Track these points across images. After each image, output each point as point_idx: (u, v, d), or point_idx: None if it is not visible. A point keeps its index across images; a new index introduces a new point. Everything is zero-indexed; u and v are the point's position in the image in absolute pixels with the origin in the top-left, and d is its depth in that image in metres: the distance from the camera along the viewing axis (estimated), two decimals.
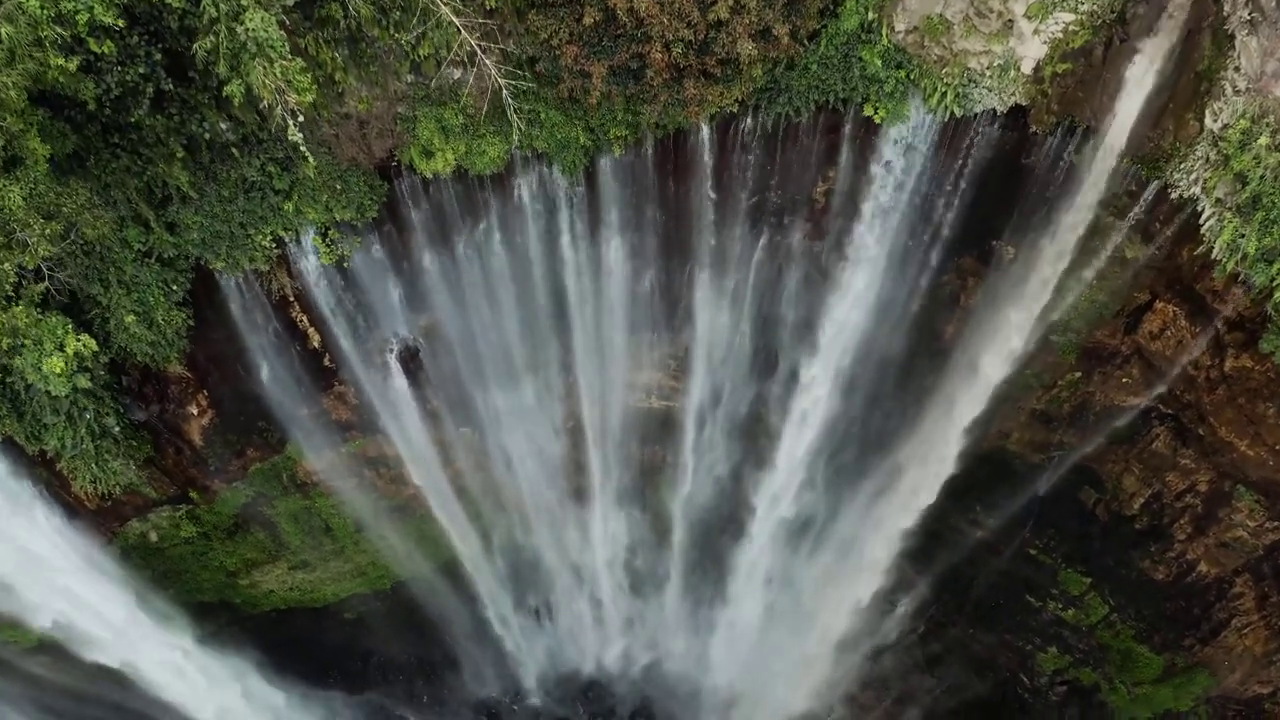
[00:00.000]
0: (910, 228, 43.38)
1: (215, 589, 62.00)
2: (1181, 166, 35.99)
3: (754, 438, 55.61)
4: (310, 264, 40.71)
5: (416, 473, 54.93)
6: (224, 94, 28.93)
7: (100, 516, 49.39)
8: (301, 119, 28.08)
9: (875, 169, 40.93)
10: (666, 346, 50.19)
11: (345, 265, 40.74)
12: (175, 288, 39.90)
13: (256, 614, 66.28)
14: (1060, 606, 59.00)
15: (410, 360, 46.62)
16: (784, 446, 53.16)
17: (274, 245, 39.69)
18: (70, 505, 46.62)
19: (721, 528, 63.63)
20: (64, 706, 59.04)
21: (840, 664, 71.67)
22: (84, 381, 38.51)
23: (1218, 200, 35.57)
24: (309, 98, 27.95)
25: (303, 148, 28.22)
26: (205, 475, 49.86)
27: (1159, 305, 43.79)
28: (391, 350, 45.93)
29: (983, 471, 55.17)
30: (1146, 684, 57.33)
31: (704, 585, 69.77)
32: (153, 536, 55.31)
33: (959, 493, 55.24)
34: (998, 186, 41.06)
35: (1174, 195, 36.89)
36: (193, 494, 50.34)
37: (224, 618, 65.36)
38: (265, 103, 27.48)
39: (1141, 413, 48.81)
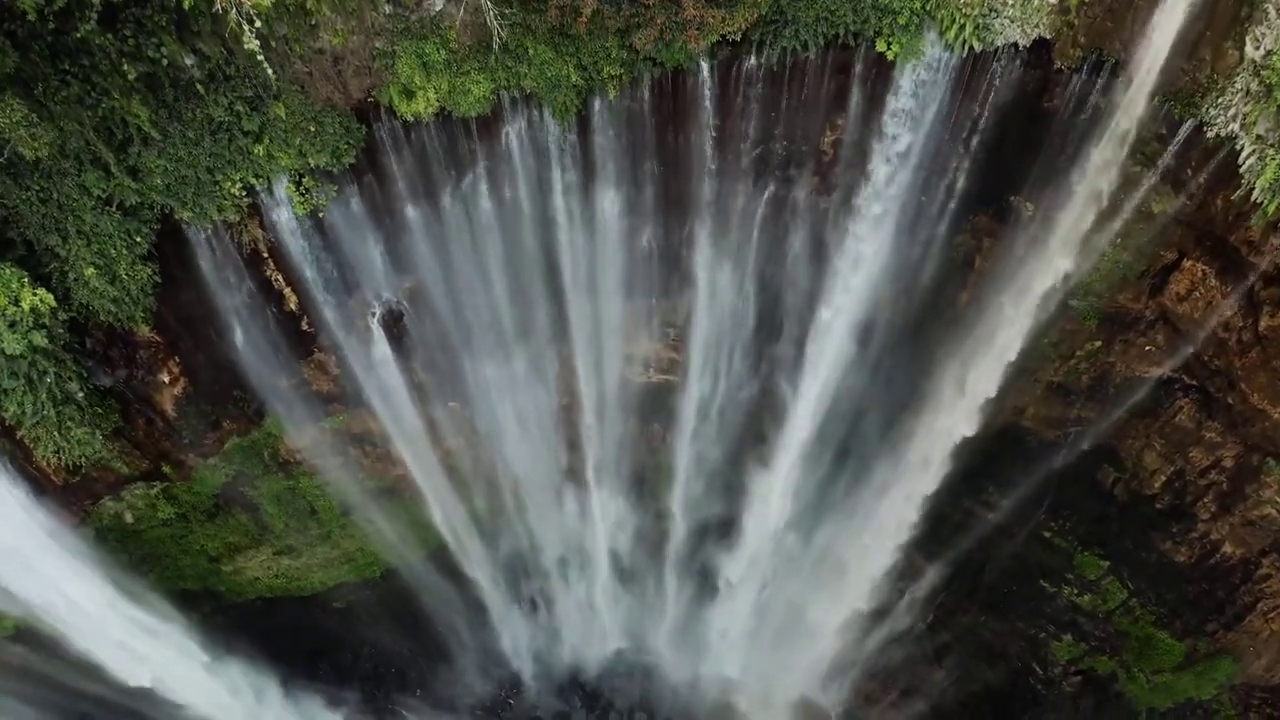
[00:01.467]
0: (923, 182, 40.19)
1: (198, 576, 58.53)
2: (1219, 101, 32.88)
3: (758, 415, 52.12)
4: (284, 215, 37.36)
5: (404, 451, 51.53)
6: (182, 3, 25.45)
7: (70, 494, 45.92)
8: (259, 25, 24.56)
9: (887, 115, 37.63)
10: (665, 314, 46.80)
11: (321, 216, 37.41)
12: (139, 240, 36.56)
13: (242, 602, 62.55)
14: (1076, 592, 55.50)
15: (394, 325, 43.23)
16: (789, 424, 49.56)
17: (244, 194, 36.40)
18: (36, 480, 43.00)
19: (723, 512, 59.96)
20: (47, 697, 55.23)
21: (845, 654, 67.95)
22: (40, 339, 35.34)
23: (1258, 137, 32.47)
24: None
25: (259, 56, 24.84)
26: (179, 449, 46.39)
27: (1187, 264, 40.62)
28: (374, 314, 42.52)
29: (996, 449, 51.81)
30: (1167, 672, 53.83)
31: (705, 573, 66.17)
32: (128, 517, 51.84)
33: (970, 472, 51.81)
34: (1018, 135, 37.90)
35: (1209, 134, 33.78)
36: (166, 469, 46.85)
37: (208, 606, 61.63)
38: (218, 5, 23.95)
39: (1164, 384, 45.71)
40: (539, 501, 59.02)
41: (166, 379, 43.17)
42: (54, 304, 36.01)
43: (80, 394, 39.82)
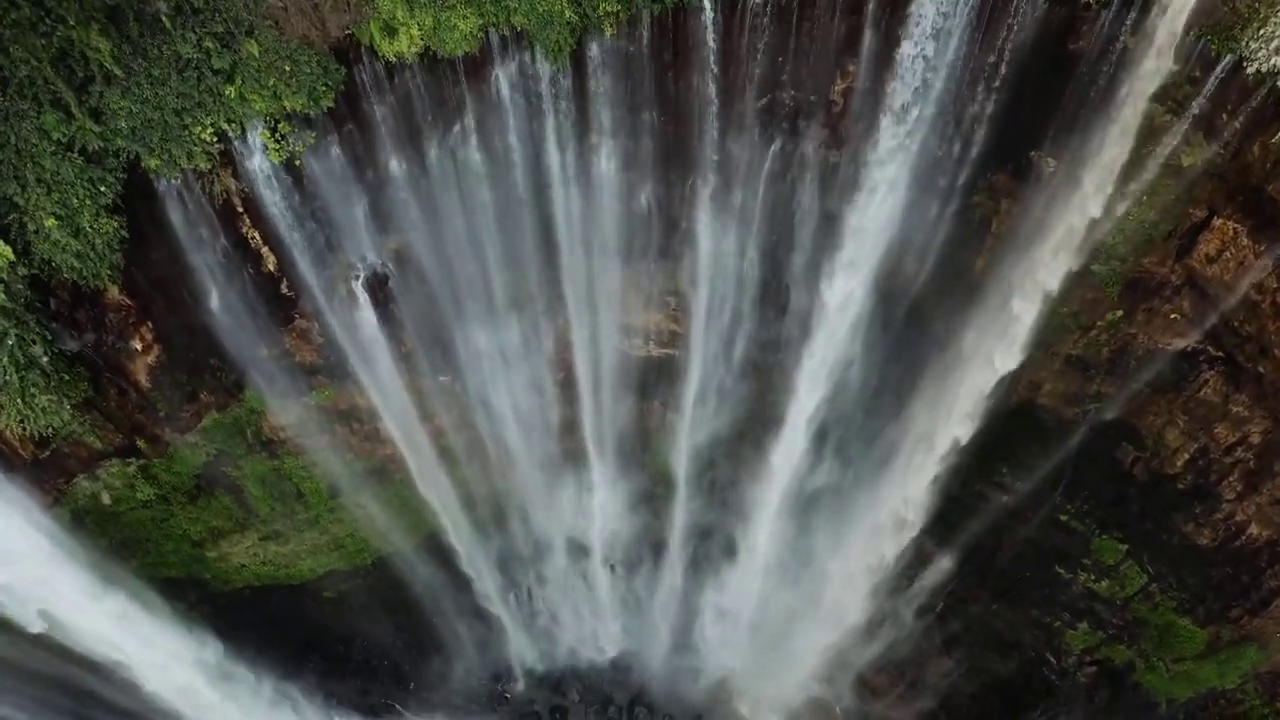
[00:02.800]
0: (939, 134, 37.32)
1: (182, 562, 55.42)
2: (1260, 33, 30.20)
3: (763, 390, 48.98)
4: (259, 164, 34.46)
5: (392, 428, 48.54)
6: None
7: (41, 471, 42.81)
8: None
9: (901, 59, 34.39)
10: (665, 280, 43.75)
11: (298, 165, 34.43)
12: (104, 189, 33.60)
13: (229, 591, 59.33)
14: (1093, 578, 52.35)
15: (379, 289, 40.21)
16: (796, 397, 46.39)
17: (215, 140, 33.56)
18: (4, 455, 39.90)
19: (725, 495, 56.79)
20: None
21: (851, 645, 64.68)
22: None
23: None
24: None
25: None
26: (154, 422, 43.36)
27: (1217, 222, 37.87)
28: (357, 277, 39.54)
29: (1011, 429, 48.99)
30: (1188, 660, 50.68)
31: (706, 560, 63.07)
32: (105, 498, 48.76)
33: (984, 454, 48.78)
34: (1039, 82, 35.17)
35: (1249, 71, 30.83)
36: (141, 444, 43.81)
37: (194, 595, 58.43)
38: None
39: (1188, 356, 42.87)
40: (535, 484, 55.93)
41: (139, 346, 40.13)
42: (13, 257, 33.32)
43: (45, 358, 36.84)
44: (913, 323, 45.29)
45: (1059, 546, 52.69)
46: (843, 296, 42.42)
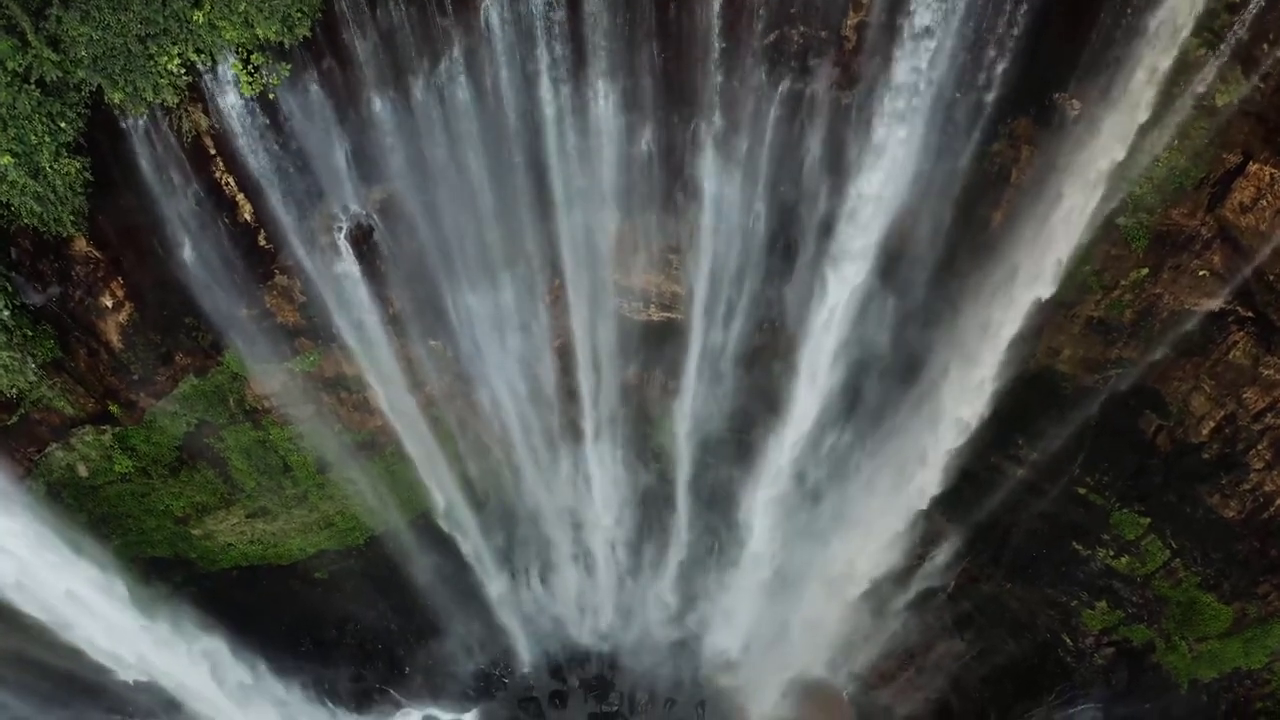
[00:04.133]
0: (957, 76, 34.46)
1: (166, 540, 52.64)
2: None
3: (769, 356, 46.09)
4: (231, 101, 31.72)
5: (381, 398, 45.58)
6: None
7: (11, 439, 39.95)
8: None
9: None
10: (666, 235, 40.86)
11: (273, 99, 31.46)
12: (64, 125, 30.78)
13: (216, 572, 56.47)
14: (1112, 554, 49.52)
15: (363, 242, 37.33)
16: (804, 362, 43.51)
17: (183, 71, 30.49)
18: None
19: (730, 470, 53.90)
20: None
21: (858, 628, 61.82)
22: None
23: None
24: None
25: None
26: (128, 386, 40.51)
27: (1253, 168, 35.31)
28: (340, 228, 36.71)
29: (1027, 397, 46.10)
30: (1212, 639, 47.98)
31: (709, 540, 60.24)
32: (82, 470, 45.95)
33: (999, 424, 45.99)
34: (1065, 14, 32.35)
35: None
36: (114, 409, 41.00)
37: (180, 576, 55.58)
38: None
39: (1216, 317, 40.25)
40: (531, 458, 53.12)
41: (109, 303, 37.31)
42: None
43: (6, 311, 33.97)
44: (926, 281, 42.33)
45: (1076, 521, 49.98)
46: (854, 252, 39.39)
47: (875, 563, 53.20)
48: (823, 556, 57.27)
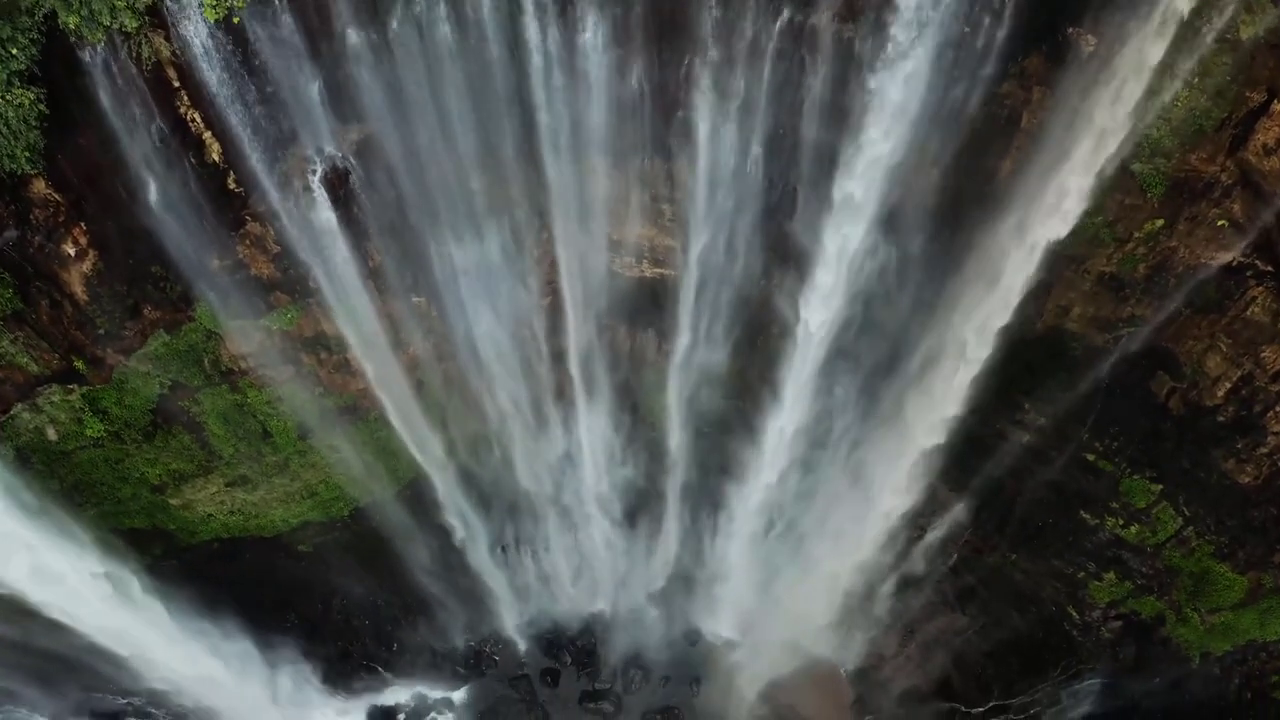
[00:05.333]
0: (967, 6, 32.21)
1: (143, 511, 50.45)
2: None
3: (765, 315, 43.86)
4: (195, 29, 29.31)
5: (363, 358, 43.38)
6: None
7: None
8: None
9: None
10: (658, 182, 38.56)
11: (237, 21, 29.04)
12: (15, 51, 28.66)
13: (197, 544, 54.21)
14: (1121, 523, 47.46)
15: (339, 186, 34.97)
16: (803, 321, 41.31)
17: None
18: None
19: (725, 436, 51.70)
20: None
21: (856, 605, 59.77)
22: None
23: None
24: None
25: None
26: (94, 341, 38.29)
27: (1278, 107, 32.98)
28: (314, 171, 34.39)
29: (1035, 359, 44.04)
30: (1225, 610, 46.00)
31: (706, 509, 57.94)
32: (51, 434, 43.74)
33: (1004, 388, 43.83)
34: None
35: None
36: (79, 365, 38.81)
37: (159, 548, 53.35)
38: None
39: (1234, 271, 38.34)
40: (520, 425, 50.84)
41: (72, 250, 35.06)
42: None
43: None
44: (930, 235, 40.14)
45: (1084, 490, 47.98)
46: (856, 201, 37.18)
47: (876, 531, 50.84)
48: (823, 526, 55.04)
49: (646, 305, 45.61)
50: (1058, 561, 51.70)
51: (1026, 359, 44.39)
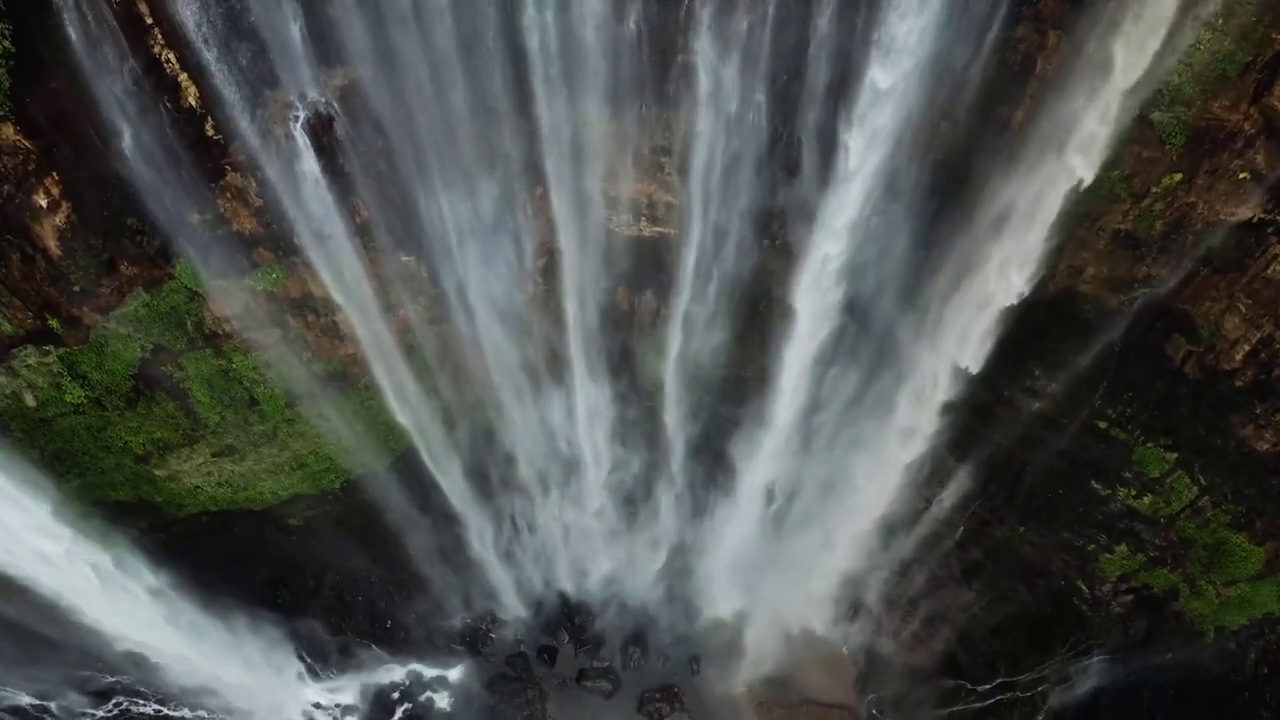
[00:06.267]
0: None
1: (128, 482, 48.76)
2: None
3: (768, 275, 42.17)
4: None
5: (352, 321, 41.74)
6: None
7: None
8: None
9: None
10: (658, 133, 36.87)
11: None
12: None
13: (185, 517, 52.58)
14: (1134, 493, 45.89)
15: (323, 133, 33.20)
16: (807, 280, 39.63)
17: None
18: None
19: (726, 406, 50.06)
20: None
21: (859, 581, 58.23)
22: None
23: None
24: None
25: None
26: (68, 298, 36.61)
27: None
28: (296, 117, 32.58)
29: (1046, 323, 42.42)
30: (1242, 582, 44.48)
31: (705, 482, 56.36)
32: (29, 399, 42.09)
33: (1014, 353, 42.13)
34: None
35: None
36: (53, 324, 37.10)
37: (145, 522, 51.72)
38: None
39: (1255, 227, 36.80)
40: (515, 392, 49.12)
41: (44, 202, 33.36)
42: None
43: None
44: (938, 191, 38.45)
45: (1096, 459, 46.44)
46: (862, 154, 35.49)
47: (882, 499, 49.22)
48: (826, 496, 53.46)
49: (645, 266, 43.98)
50: (1067, 534, 50.18)
51: (1037, 323, 42.65)
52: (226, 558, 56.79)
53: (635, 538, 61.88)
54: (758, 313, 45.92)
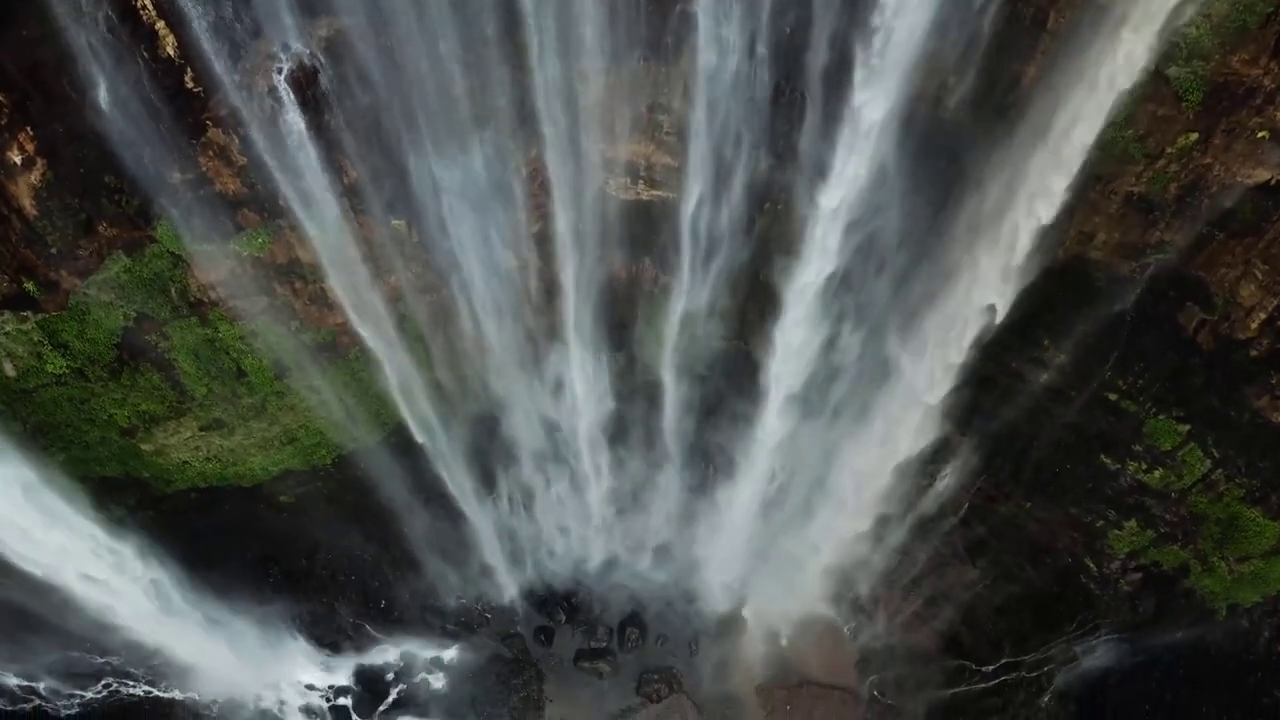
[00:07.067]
0: None
1: (114, 457, 47.60)
2: None
3: (769, 239, 40.80)
4: None
5: (341, 288, 40.34)
6: None
7: None
8: None
9: None
10: (657, 89, 35.43)
11: None
12: None
13: (174, 494, 51.36)
14: (1144, 467, 44.70)
15: (307, 86, 31.78)
16: (810, 244, 38.29)
17: None
18: None
19: (727, 377, 48.76)
20: None
21: (861, 558, 56.99)
22: None
23: None
24: None
25: None
26: (46, 261, 35.29)
27: None
28: (280, 70, 31.11)
29: (1055, 292, 41.10)
30: (1256, 558, 43.38)
31: (703, 461, 55.13)
32: (9, 369, 40.95)
33: (1022, 324, 40.88)
34: None
35: None
36: (30, 287, 35.82)
37: (133, 499, 50.50)
38: None
39: (1273, 189, 35.41)
40: (510, 364, 47.78)
41: (18, 158, 32.02)
42: None
43: None
44: (945, 152, 37.09)
45: (1106, 432, 45.35)
46: (869, 111, 34.07)
47: (885, 476, 47.98)
48: (828, 475, 52.19)
49: (643, 232, 42.58)
50: (1075, 510, 49.02)
51: (1046, 292, 41.29)
52: (217, 535, 55.60)
53: (634, 515, 60.63)
54: (758, 281, 44.52)
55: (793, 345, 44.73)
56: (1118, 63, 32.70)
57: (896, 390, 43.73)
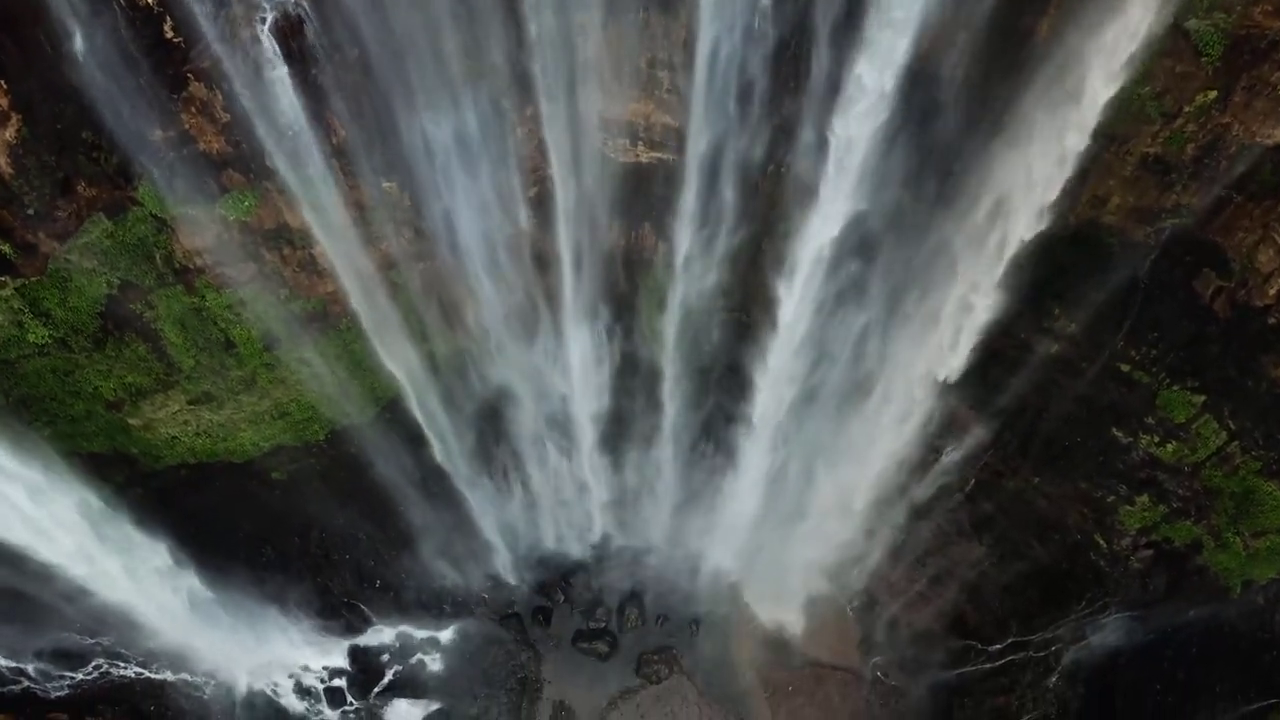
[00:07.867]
0: None
1: (101, 432, 46.38)
2: None
3: (773, 203, 39.43)
4: None
5: (331, 254, 38.96)
6: None
7: None
8: None
9: None
10: (656, 42, 33.96)
11: None
12: None
13: (163, 470, 50.08)
14: (1157, 440, 43.46)
15: (292, 37, 30.36)
16: (816, 207, 36.91)
17: None
18: None
19: (729, 351, 47.46)
20: None
21: (864, 538, 55.79)
22: None
23: None
24: None
25: None
26: (23, 223, 33.97)
27: None
28: (263, 19, 29.69)
29: (1066, 259, 39.65)
30: (1271, 533, 42.10)
31: (703, 437, 53.86)
32: None
33: (1032, 292, 39.47)
34: None
35: None
36: (8, 251, 34.36)
37: (121, 475, 49.22)
38: None
39: None
40: (506, 335, 46.51)
41: None
42: None
43: None
44: (956, 111, 35.70)
45: (1117, 403, 44.09)
46: (877, 68, 32.71)
47: (888, 449, 46.73)
48: (831, 451, 50.95)
49: (643, 196, 41.23)
50: (1085, 485, 47.82)
51: (1057, 258, 40.03)
52: (208, 513, 54.42)
53: (632, 493, 59.42)
54: (761, 250, 43.21)
55: (798, 313, 43.32)
56: (1133, 15, 31.25)
57: (909, 360, 42.30)
